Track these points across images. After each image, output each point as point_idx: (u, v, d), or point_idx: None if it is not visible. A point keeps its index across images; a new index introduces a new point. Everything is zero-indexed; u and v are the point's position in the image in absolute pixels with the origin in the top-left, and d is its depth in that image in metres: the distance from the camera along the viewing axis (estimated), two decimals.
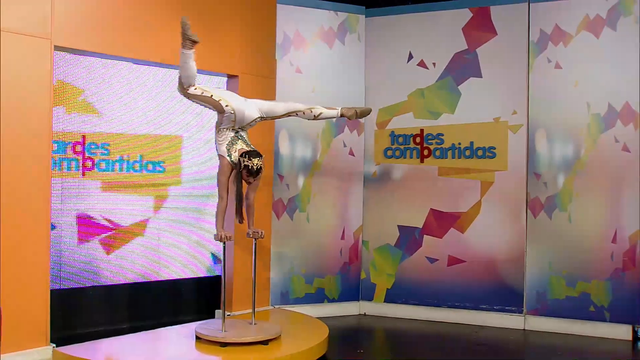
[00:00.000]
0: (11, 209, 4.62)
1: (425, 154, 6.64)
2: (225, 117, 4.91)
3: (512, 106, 6.32)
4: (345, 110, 5.28)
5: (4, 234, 4.57)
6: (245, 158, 4.81)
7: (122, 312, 5.87)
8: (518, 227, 6.29)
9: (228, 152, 4.90)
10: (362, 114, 5.37)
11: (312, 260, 6.67)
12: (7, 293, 4.58)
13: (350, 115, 5.28)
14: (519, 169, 6.28)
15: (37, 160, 4.78)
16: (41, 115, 4.79)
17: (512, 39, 6.33)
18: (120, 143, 5.78)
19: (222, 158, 4.91)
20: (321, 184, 6.71)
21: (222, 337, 4.81)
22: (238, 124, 4.97)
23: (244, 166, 4.81)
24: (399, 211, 6.73)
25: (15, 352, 4.59)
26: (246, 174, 4.84)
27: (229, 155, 4.89)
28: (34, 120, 4.75)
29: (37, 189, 4.78)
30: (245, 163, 4.80)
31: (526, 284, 6.25)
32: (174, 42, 5.61)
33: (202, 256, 6.35)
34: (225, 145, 4.92)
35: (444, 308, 6.54)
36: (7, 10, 4.57)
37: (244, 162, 4.81)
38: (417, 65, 6.66)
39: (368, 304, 6.84)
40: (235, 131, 4.97)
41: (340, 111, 5.27)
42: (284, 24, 6.56)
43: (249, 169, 4.80)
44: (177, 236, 6.17)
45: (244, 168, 4.81)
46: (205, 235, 6.28)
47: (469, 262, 6.45)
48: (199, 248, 6.32)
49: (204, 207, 6.31)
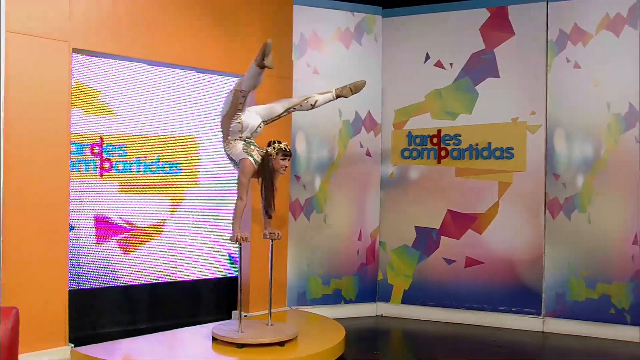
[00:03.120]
0: (30, 210, 4.67)
1: (443, 155, 6.61)
2: (233, 127, 4.91)
3: (530, 106, 6.27)
4: (339, 90, 5.26)
5: (23, 235, 4.62)
6: (274, 144, 4.93)
7: (140, 312, 5.90)
8: (536, 228, 6.23)
9: (249, 153, 4.91)
10: (357, 88, 5.31)
11: (329, 261, 6.66)
12: (27, 293, 4.63)
13: (345, 93, 5.26)
14: (538, 170, 6.23)
15: (56, 161, 4.83)
16: (60, 117, 4.85)
17: (530, 38, 6.28)
18: (137, 144, 5.81)
19: (244, 160, 4.90)
20: (338, 184, 6.70)
21: (239, 338, 4.81)
22: (245, 134, 4.98)
23: (278, 150, 4.89)
24: (416, 212, 6.70)
25: (34, 351, 4.64)
26: (281, 157, 4.92)
27: (250, 155, 4.90)
28: (52, 122, 4.80)
29: (56, 190, 4.83)
30: (279, 147, 4.90)
31: (545, 285, 6.20)
32: (190, 44, 5.67)
33: (219, 257, 6.36)
34: (241, 150, 4.94)
35: (461, 309, 6.50)
36: (26, 13, 4.62)
37: (277, 147, 4.90)
38: (434, 65, 6.63)
39: (385, 305, 6.81)
40: (244, 140, 4.99)
41: (334, 93, 5.25)
42: (301, 25, 6.56)
43: (284, 151, 4.91)
44: (194, 237, 6.18)
45: (279, 152, 4.90)
46: (222, 236, 6.29)
47: (487, 263, 6.41)
48: (216, 249, 6.33)
49: (221, 208, 6.32)
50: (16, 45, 4.57)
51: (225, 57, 5.93)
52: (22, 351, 4.47)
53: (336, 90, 5.26)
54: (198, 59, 5.78)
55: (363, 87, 5.37)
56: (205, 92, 6.16)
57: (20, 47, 4.59)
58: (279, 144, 4.96)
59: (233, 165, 5.10)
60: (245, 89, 4.80)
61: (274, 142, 4.98)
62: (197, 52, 5.75)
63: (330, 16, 6.66)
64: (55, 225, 4.82)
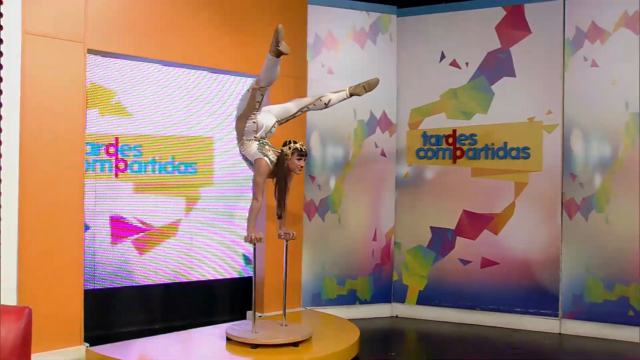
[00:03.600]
0: (46, 210, 4.70)
1: (458, 155, 6.56)
2: (248, 127, 4.90)
3: (546, 106, 6.21)
4: (353, 88, 5.26)
5: (39, 235, 4.66)
6: (290, 144, 4.93)
7: (155, 312, 5.92)
8: (553, 229, 6.17)
9: (264, 153, 4.91)
10: (370, 86, 5.31)
11: (344, 262, 6.64)
12: (42, 293, 4.66)
13: (358, 91, 5.26)
14: (554, 170, 6.17)
15: (71, 161, 4.86)
16: (75, 117, 4.87)
17: (547, 37, 6.22)
18: (152, 145, 5.83)
19: (259, 160, 4.89)
20: (353, 184, 6.67)
21: (253, 339, 4.81)
22: (260, 134, 4.98)
23: (293, 150, 4.89)
24: (431, 212, 6.66)
25: (50, 350, 4.67)
26: (297, 157, 4.91)
27: (265, 155, 4.90)
28: (68, 122, 4.83)
29: (72, 190, 4.86)
30: (295, 147, 4.90)
31: (562, 286, 6.13)
32: (204, 44, 5.68)
33: (234, 257, 6.36)
34: (256, 150, 4.93)
35: (477, 311, 6.45)
36: (42, 14, 4.66)
37: (292, 147, 4.90)
38: (450, 65, 6.59)
39: (400, 305, 6.78)
40: (258, 140, 4.98)
41: (348, 91, 5.25)
42: (315, 25, 6.55)
43: (300, 151, 4.91)
44: (209, 237, 6.19)
45: (295, 152, 4.90)
46: (237, 235, 6.29)
47: (503, 264, 6.36)
48: (232, 248, 6.34)
49: (236, 208, 6.33)
50: (32, 46, 4.60)
51: (239, 58, 5.93)
52: (37, 350, 4.55)
53: (350, 88, 5.25)
54: (212, 59, 5.79)
55: (376, 85, 5.36)
56: (219, 92, 6.17)
57: (36, 48, 4.63)
58: (295, 143, 4.95)
59: (248, 165, 5.10)
60: (264, 84, 4.78)
61: (289, 142, 4.97)
62: (211, 52, 5.76)
63: (345, 16, 6.64)
64: (70, 225, 4.85)
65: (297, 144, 4.95)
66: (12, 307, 2.57)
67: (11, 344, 2.38)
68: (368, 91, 5.31)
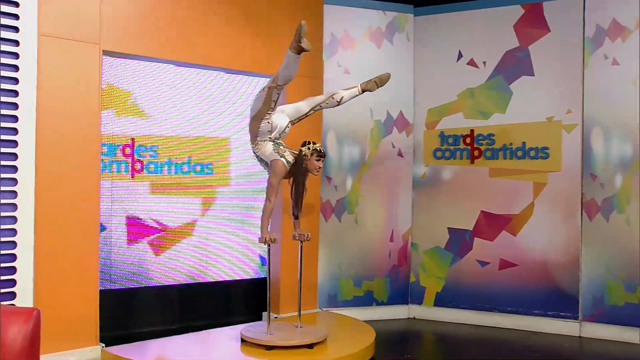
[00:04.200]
0: (61, 211, 4.72)
1: (476, 155, 6.49)
2: (262, 127, 4.88)
3: (566, 105, 6.12)
4: (364, 84, 5.19)
5: (54, 235, 4.68)
6: (309, 144, 4.92)
7: (171, 313, 5.93)
8: (573, 230, 6.07)
9: (280, 154, 4.88)
10: (382, 81, 5.23)
11: (361, 263, 6.60)
12: (58, 293, 4.69)
13: (370, 87, 5.19)
14: (574, 170, 6.07)
15: (87, 162, 4.88)
16: (90, 119, 4.89)
17: (566, 35, 6.13)
18: (168, 145, 5.84)
19: (275, 161, 4.87)
20: (369, 185, 6.63)
21: (267, 340, 4.80)
22: (274, 135, 4.95)
23: (312, 151, 4.88)
24: (448, 213, 6.60)
25: (65, 351, 4.70)
26: (316, 158, 4.90)
27: (282, 157, 4.87)
28: (83, 124, 4.85)
29: (87, 191, 4.88)
30: (314, 148, 4.90)
31: (582, 288, 6.03)
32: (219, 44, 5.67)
33: (250, 258, 6.35)
34: (272, 150, 4.91)
35: (495, 313, 6.37)
36: (57, 16, 4.68)
37: (311, 148, 4.89)
38: (467, 64, 6.52)
39: (417, 307, 6.72)
40: (273, 141, 4.96)
41: (359, 88, 5.19)
42: (332, 25, 6.51)
43: (319, 152, 4.90)
44: (225, 238, 6.19)
45: (314, 152, 4.89)
46: (253, 236, 6.28)
47: (521, 265, 6.27)
48: (248, 250, 6.33)
49: (252, 209, 6.32)
50: (48, 48, 4.63)
51: (254, 57, 5.92)
52: (52, 350, 4.62)
53: (361, 84, 5.20)
54: (227, 60, 5.78)
55: (388, 80, 5.28)
56: (235, 92, 6.17)
57: (51, 49, 4.65)
58: (314, 144, 4.93)
59: (263, 165, 5.08)
60: (281, 82, 4.74)
61: (308, 142, 4.96)
62: (227, 52, 5.75)
63: (361, 15, 6.60)
64: (86, 225, 4.86)
65: (316, 144, 4.93)
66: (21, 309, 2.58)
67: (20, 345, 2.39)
68: (380, 86, 5.24)
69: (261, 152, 4.96)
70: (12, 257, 4.45)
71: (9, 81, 4.45)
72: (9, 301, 4.44)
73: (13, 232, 4.46)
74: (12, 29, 4.47)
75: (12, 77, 4.46)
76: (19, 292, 4.47)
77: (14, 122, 4.47)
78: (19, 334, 2.40)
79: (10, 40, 4.46)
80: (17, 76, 4.49)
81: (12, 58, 4.46)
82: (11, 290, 4.44)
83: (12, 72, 4.46)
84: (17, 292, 4.47)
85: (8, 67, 4.45)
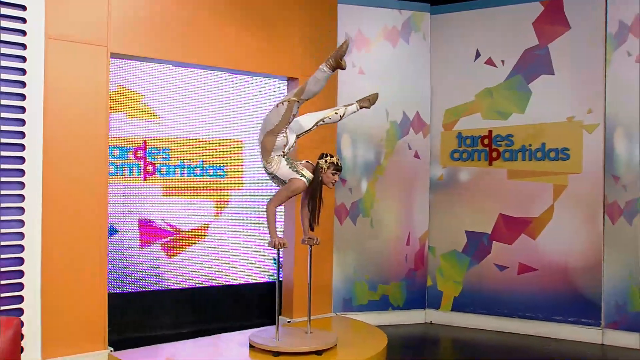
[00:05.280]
0: (69, 214, 4.71)
1: (494, 156, 6.33)
2: (279, 141, 4.70)
3: (587, 104, 5.92)
4: (360, 102, 5.10)
5: (63, 239, 4.67)
6: (326, 157, 4.83)
7: (184, 316, 5.89)
8: (594, 234, 5.87)
9: (300, 173, 4.76)
10: (373, 100, 5.14)
11: (376, 266, 6.48)
12: (66, 296, 4.68)
13: (366, 105, 5.11)
14: (595, 172, 5.87)
15: (95, 165, 4.85)
16: (98, 121, 4.86)
17: (588, 32, 5.93)
18: (181, 148, 5.81)
19: (297, 180, 4.73)
20: (385, 187, 6.51)
21: (275, 346, 4.72)
22: (287, 149, 4.83)
23: (330, 164, 4.80)
24: (466, 216, 6.45)
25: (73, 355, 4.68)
26: (332, 172, 4.82)
27: (302, 176, 4.75)
28: (91, 126, 4.82)
29: (95, 194, 4.85)
30: (331, 161, 4.81)
31: (604, 294, 5.83)
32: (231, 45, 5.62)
33: (265, 261, 6.29)
34: (289, 168, 4.77)
35: (514, 318, 6.20)
36: (64, 19, 4.67)
37: (329, 161, 4.81)
38: (485, 63, 6.37)
39: (434, 312, 6.58)
40: (285, 157, 4.82)
41: (357, 105, 5.10)
42: (346, 24, 6.40)
43: (336, 165, 4.83)
44: (239, 241, 6.14)
45: (331, 166, 4.81)
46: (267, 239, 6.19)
47: (541, 270, 6.09)
48: (262, 252, 6.26)
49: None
50: (55, 50, 4.61)
51: (267, 59, 5.85)
52: (61, 354, 4.61)
53: (357, 102, 5.09)
54: (239, 61, 5.71)
55: (376, 100, 5.18)
56: (248, 94, 6.11)
57: (59, 52, 4.64)
58: (331, 157, 4.83)
59: (276, 183, 4.91)
60: (306, 96, 4.62)
61: (325, 155, 4.85)
62: (239, 54, 5.68)
63: (376, 14, 6.48)
64: (94, 229, 4.84)
65: (334, 157, 4.84)
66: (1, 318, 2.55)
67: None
68: (372, 104, 5.15)
69: (276, 169, 4.77)
70: (20, 260, 4.44)
71: (16, 84, 4.45)
72: (17, 304, 4.44)
73: (20, 236, 4.46)
74: (19, 33, 4.47)
75: (20, 81, 4.46)
76: (26, 295, 4.47)
77: (21, 125, 4.46)
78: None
79: (18, 44, 4.46)
80: (25, 79, 4.49)
81: (19, 61, 4.46)
82: (19, 294, 4.44)
83: (19, 75, 4.46)
84: (24, 295, 4.46)
85: (15, 70, 4.45)
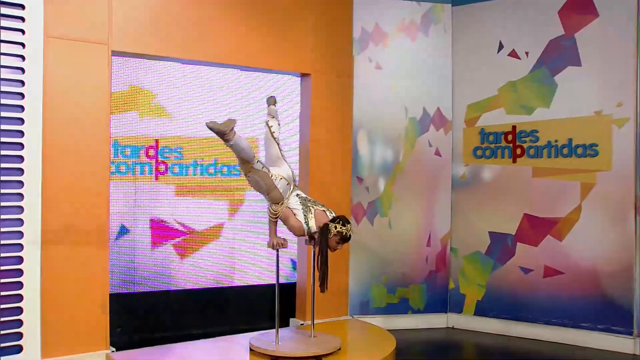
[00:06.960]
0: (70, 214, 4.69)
1: (518, 153, 6.03)
2: (281, 186, 4.59)
3: (616, 97, 5.56)
4: None
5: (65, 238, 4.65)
6: (339, 224, 4.51)
7: (195, 317, 5.82)
8: (625, 235, 5.50)
9: (304, 216, 4.59)
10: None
11: (395, 268, 6.26)
12: (67, 297, 4.66)
13: None
14: (626, 169, 5.50)
15: (96, 165, 4.82)
16: (99, 120, 4.83)
17: (617, 20, 5.57)
18: (194, 147, 5.74)
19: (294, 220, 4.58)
20: (404, 186, 6.28)
21: (273, 351, 4.59)
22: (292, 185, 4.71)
23: (336, 232, 4.49)
24: (489, 216, 6.16)
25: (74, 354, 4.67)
26: (336, 242, 4.53)
27: (306, 223, 4.58)
28: (92, 125, 4.79)
29: (96, 194, 4.82)
30: (339, 229, 4.50)
31: (636, 301, 5.46)
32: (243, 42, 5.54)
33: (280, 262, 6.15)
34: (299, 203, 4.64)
35: (539, 324, 5.88)
36: (64, 17, 4.66)
37: (337, 229, 4.49)
38: (508, 55, 6.08)
39: (456, 316, 6.31)
40: (297, 195, 4.69)
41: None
42: (362, 18, 6.21)
43: (343, 236, 4.52)
44: (253, 241, 6.03)
45: (337, 234, 4.50)
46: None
47: (568, 273, 5.75)
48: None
49: None
50: (55, 49, 4.61)
51: (281, 55, 5.72)
52: (63, 353, 4.59)
53: None
54: (251, 58, 5.59)
55: None
56: (261, 91, 5.99)
57: (58, 51, 4.63)
58: (342, 226, 4.50)
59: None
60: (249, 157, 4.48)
61: (338, 220, 4.54)
62: (250, 50, 5.57)
63: (393, 7, 6.26)
64: (95, 229, 4.80)
65: (344, 228, 4.50)
66: None
67: None
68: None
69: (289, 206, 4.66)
70: (19, 259, 4.45)
71: (15, 84, 4.45)
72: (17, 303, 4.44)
73: (20, 235, 4.46)
74: (18, 32, 4.47)
75: (18, 80, 4.46)
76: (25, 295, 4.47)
77: (20, 124, 4.47)
78: None
79: (16, 43, 4.46)
80: (23, 78, 4.49)
81: (18, 60, 4.47)
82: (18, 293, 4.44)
83: (18, 74, 4.46)
84: (23, 294, 4.46)
85: (14, 69, 4.45)
